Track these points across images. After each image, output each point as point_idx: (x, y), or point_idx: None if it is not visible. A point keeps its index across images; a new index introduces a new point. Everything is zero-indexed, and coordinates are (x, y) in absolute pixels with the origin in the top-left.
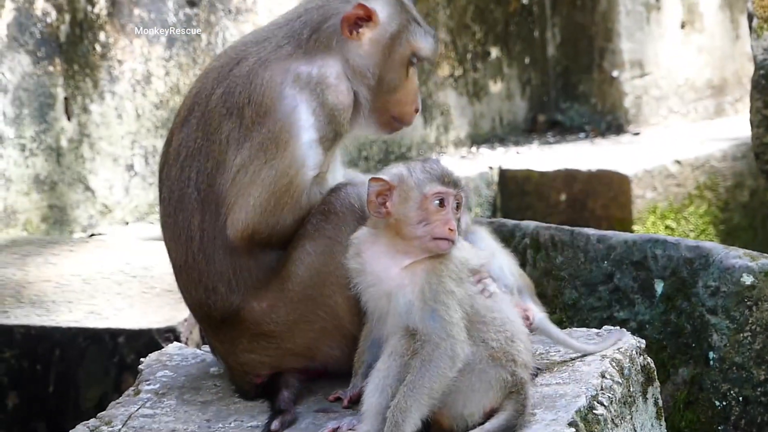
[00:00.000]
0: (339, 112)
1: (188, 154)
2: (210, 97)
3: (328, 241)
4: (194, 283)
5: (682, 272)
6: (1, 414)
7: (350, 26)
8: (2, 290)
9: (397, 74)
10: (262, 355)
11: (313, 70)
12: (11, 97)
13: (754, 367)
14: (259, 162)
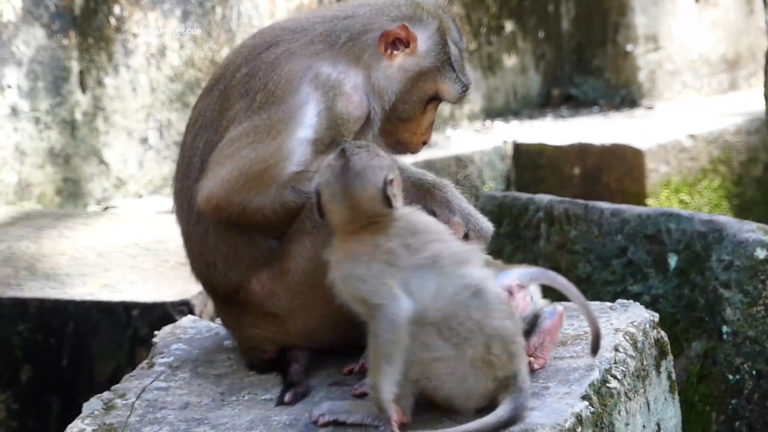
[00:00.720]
0: (344, 121)
1: (202, 124)
2: (235, 73)
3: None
4: (195, 255)
5: (695, 246)
6: (15, 387)
7: (387, 44)
8: (16, 263)
9: (413, 108)
10: (267, 332)
11: (333, 74)
12: (26, 70)
13: (767, 341)
14: (246, 140)
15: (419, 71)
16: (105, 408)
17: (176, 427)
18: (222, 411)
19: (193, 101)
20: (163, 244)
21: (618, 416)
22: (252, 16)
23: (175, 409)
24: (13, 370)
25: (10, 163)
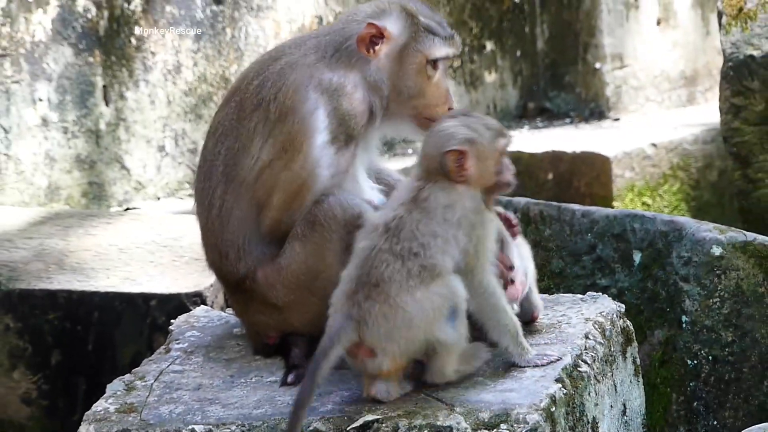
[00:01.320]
0: (350, 117)
1: (223, 132)
2: (248, 86)
3: (316, 247)
4: (211, 245)
5: (657, 244)
6: (46, 370)
7: (366, 45)
8: (47, 258)
9: (414, 81)
10: (270, 319)
11: (333, 78)
12: (55, 85)
13: (722, 329)
14: (281, 163)
15: (400, 50)
16: (126, 389)
17: (190, 406)
18: (232, 392)
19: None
20: (179, 242)
21: (588, 397)
22: (258, 36)
23: (189, 390)
24: (44, 355)
25: (41, 169)
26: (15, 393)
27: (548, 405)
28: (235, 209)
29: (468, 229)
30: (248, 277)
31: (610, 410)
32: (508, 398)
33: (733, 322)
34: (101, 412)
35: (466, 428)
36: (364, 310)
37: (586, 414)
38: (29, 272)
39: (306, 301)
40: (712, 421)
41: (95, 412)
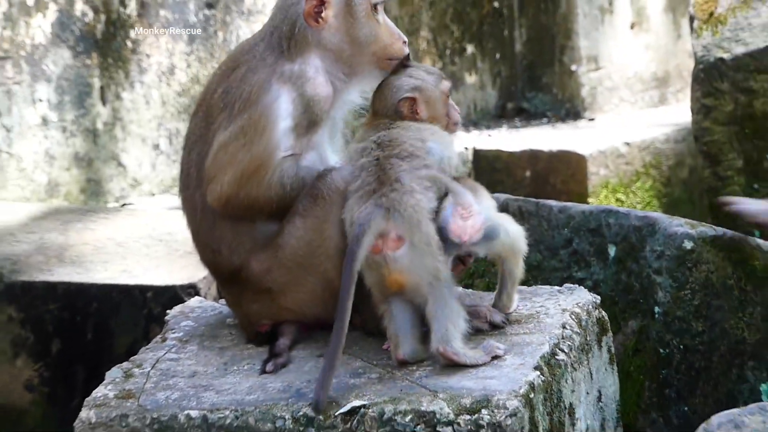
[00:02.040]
0: (315, 102)
1: (194, 140)
2: (213, 94)
3: (317, 220)
4: (202, 245)
5: (631, 238)
6: (46, 358)
7: (314, 17)
8: (47, 252)
9: (368, 27)
10: (263, 307)
11: (294, 67)
12: (54, 85)
13: (693, 320)
14: (238, 143)
15: (344, 6)
16: (124, 376)
17: (186, 393)
18: (225, 378)
19: None
20: (173, 236)
21: (565, 384)
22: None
23: (184, 377)
24: (44, 344)
25: (41, 166)
26: (18, 380)
27: (527, 391)
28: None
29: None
30: (242, 268)
31: (586, 397)
32: (488, 385)
33: (704, 313)
34: (101, 397)
35: (449, 413)
36: (391, 200)
37: (563, 400)
38: (30, 265)
39: (302, 279)
40: (683, 408)
41: (95, 398)
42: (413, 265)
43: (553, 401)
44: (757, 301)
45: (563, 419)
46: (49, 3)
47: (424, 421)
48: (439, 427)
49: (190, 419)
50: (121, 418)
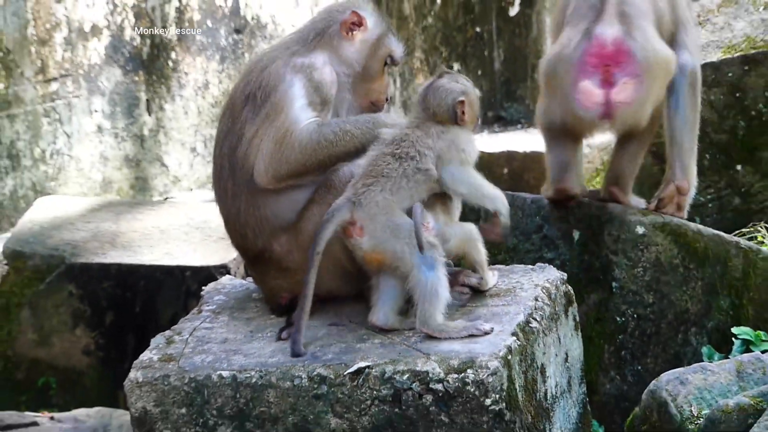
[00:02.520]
0: (322, 85)
1: (222, 136)
2: (236, 91)
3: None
4: (232, 230)
5: (592, 224)
6: (101, 328)
7: (347, 29)
8: (102, 238)
9: (376, 68)
10: (284, 282)
11: (305, 60)
12: (108, 98)
13: (644, 293)
14: (265, 126)
15: (375, 39)
16: (167, 342)
17: (218, 356)
18: (251, 344)
19: None
20: (208, 224)
21: (538, 347)
22: None
23: (217, 342)
24: (99, 316)
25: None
26: (77, 346)
27: (506, 354)
28: (242, 194)
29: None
30: (266, 250)
31: (555, 358)
32: (473, 349)
33: (654, 287)
34: (146, 360)
35: (440, 373)
36: (359, 194)
37: (536, 361)
38: (88, 249)
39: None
40: (637, 367)
41: (142, 360)
42: (378, 249)
43: (528, 362)
44: (699, 277)
45: (536, 377)
46: (103, 29)
47: (419, 379)
48: (431, 384)
49: (222, 378)
50: (163, 378)
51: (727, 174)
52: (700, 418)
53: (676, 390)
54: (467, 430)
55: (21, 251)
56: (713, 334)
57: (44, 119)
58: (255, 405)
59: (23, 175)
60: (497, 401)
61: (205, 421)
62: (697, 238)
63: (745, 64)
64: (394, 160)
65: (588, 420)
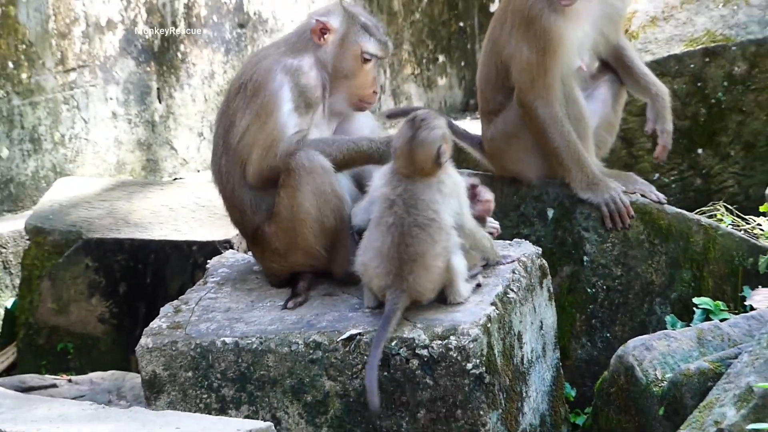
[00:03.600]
0: (308, 89)
1: (219, 118)
2: (233, 81)
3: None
4: (230, 208)
5: (565, 203)
6: (115, 297)
7: (318, 35)
8: (116, 215)
9: (351, 65)
10: (278, 263)
11: (294, 62)
12: (122, 87)
13: (613, 266)
14: (256, 127)
15: (341, 40)
16: (175, 311)
17: (222, 324)
18: (252, 313)
19: None
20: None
21: (515, 316)
22: None
23: (221, 311)
24: (113, 286)
25: (112, 149)
26: (93, 314)
27: (485, 322)
28: (233, 173)
29: (455, 195)
30: (260, 230)
31: (531, 326)
32: (455, 317)
33: (621, 261)
34: (156, 328)
35: (425, 339)
36: (411, 282)
37: (513, 329)
38: (103, 226)
39: (297, 240)
40: (606, 334)
41: (152, 328)
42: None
43: (506, 329)
44: (663, 252)
45: (513, 343)
46: (117, 24)
47: (406, 345)
48: (417, 350)
49: (225, 344)
50: (171, 343)
51: (689, 157)
52: (664, 381)
53: (641, 355)
54: (450, 392)
55: (42, 227)
56: (676, 304)
57: (63, 106)
58: (255, 369)
59: (44, 158)
60: (478, 365)
61: (210, 384)
62: (662, 216)
63: (705, 56)
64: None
65: (561, 383)
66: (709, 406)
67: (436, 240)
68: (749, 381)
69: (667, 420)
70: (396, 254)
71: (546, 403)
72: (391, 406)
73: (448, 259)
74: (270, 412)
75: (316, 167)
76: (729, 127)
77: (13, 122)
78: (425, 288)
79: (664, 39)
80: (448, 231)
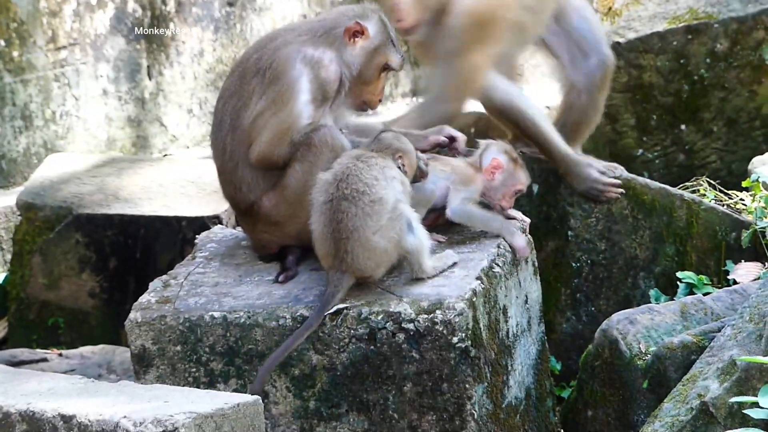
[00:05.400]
0: (326, 83)
1: (229, 95)
2: (249, 59)
3: (309, 164)
4: (226, 182)
5: (550, 179)
6: (105, 272)
7: (350, 35)
8: (106, 191)
9: (372, 73)
10: (272, 235)
11: (315, 54)
12: (112, 65)
13: (597, 241)
14: (271, 112)
15: (373, 48)
16: (163, 286)
17: (210, 298)
18: (240, 287)
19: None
20: (202, 179)
21: (500, 290)
22: (260, 30)
23: (209, 286)
24: (103, 261)
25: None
26: (83, 289)
27: (471, 296)
28: (239, 152)
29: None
30: (256, 204)
31: (516, 300)
32: (441, 291)
33: (606, 235)
34: (145, 302)
35: (411, 313)
36: (349, 261)
37: (498, 302)
38: (93, 201)
39: (298, 213)
40: (591, 308)
41: (141, 303)
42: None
43: (491, 303)
44: (646, 226)
45: (498, 317)
46: (108, 2)
47: (392, 319)
48: (403, 324)
49: (213, 318)
50: (160, 318)
51: (672, 133)
52: (648, 354)
53: (625, 329)
54: (436, 366)
55: (33, 203)
56: (660, 279)
57: (54, 84)
58: (243, 343)
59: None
60: (463, 339)
61: (198, 358)
62: (645, 191)
63: (688, 33)
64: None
65: (546, 356)
66: (692, 379)
67: (369, 213)
68: (732, 354)
69: (651, 393)
70: (330, 233)
71: (531, 376)
72: (378, 379)
73: (395, 237)
74: None
75: (338, 145)
76: (711, 104)
77: (4, 99)
78: (366, 266)
79: (647, 16)
80: (386, 205)
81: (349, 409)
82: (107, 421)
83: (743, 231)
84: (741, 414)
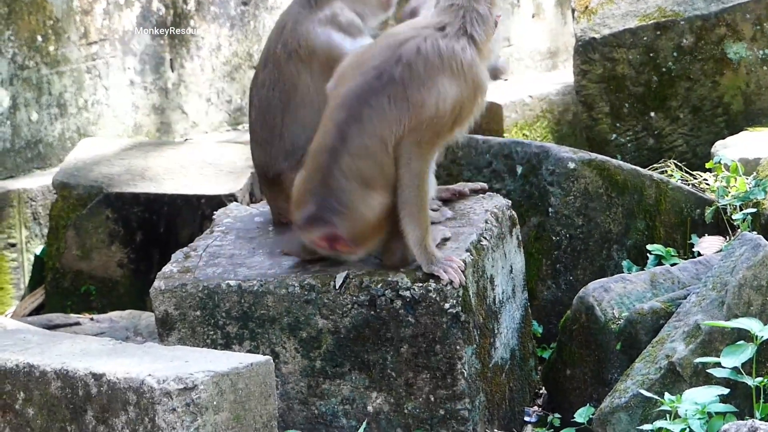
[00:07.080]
0: (352, 21)
1: (271, 82)
2: (275, 49)
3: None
4: (265, 152)
5: (533, 161)
6: (132, 245)
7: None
8: (133, 172)
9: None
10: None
11: (327, 12)
12: (138, 58)
13: (575, 216)
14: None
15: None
16: (184, 257)
17: (227, 268)
18: (253, 258)
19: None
20: (219, 161)
21: (487, 261)
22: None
23: (225, 257)
24: (131, 235)
25: (129, 113)
26: (113, 260)
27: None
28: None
29: None
30: (283, 175)
31: (502, 270)
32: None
33: (583, 212)
34: (168, 272)
35: (407, 282)
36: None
37: (486, 272)
38: (122, 181)
39: None
40: (569, 277)
41: (164, 272)
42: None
43: (479, 273)
44: (619, 204)
45: (486, 285)
46: (134, 1)
47: (390, 287)
48: (401, 291)
49: (229, 287)
50: (181, 286)
51: (643, 119)
52: (621, 319)
53: (600, 296)
54: (430, 329)
55: (67, 183)
56: (631, 251)
57: (86, 75)
58: (256, 308)
59: (69, 121)
60: (454, 305)
61: (216, 322)
62: (618, 172)
63: (657, 29)
64: None
65: (529, 321)
66: (660, 341)
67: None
68: (697, 319)
69: (624, 354)
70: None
71: (516, 339)
72: (377, 341)
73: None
74: (269, 347)
75: None
76: (678, 93)
77: (41, 89)
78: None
79: (620, 15)
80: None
81: (351, 368)
82: (134, 378)
83: (707, 208)
84: (705, 373)
